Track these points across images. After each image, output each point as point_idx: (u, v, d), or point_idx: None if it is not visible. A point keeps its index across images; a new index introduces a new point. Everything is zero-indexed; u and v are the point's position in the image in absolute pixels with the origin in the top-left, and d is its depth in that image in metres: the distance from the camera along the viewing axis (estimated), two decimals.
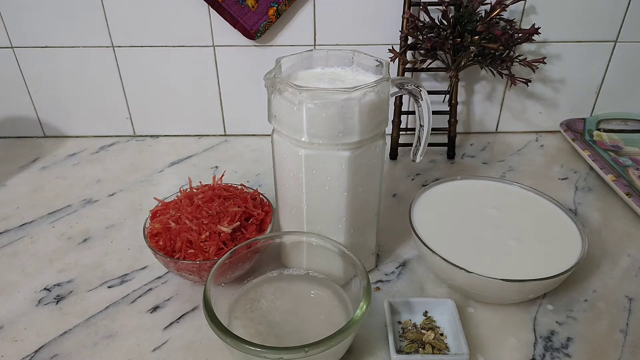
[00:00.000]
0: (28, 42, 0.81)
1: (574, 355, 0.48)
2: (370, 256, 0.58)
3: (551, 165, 0.81)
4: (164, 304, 0.54)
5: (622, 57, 0.83)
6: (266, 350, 0.39)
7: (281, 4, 0.76)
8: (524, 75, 0.75)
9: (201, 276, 0.53)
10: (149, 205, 0.61)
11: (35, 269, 0.60)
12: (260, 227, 0.57)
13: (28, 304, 0.55)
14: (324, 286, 0.52)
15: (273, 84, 0.46)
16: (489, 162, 0.82)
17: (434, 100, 0.67)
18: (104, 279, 0.58)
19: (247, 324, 0.48)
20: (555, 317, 0.52)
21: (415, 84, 0.50)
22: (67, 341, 0.50)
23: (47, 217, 0.69)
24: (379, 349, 0.48)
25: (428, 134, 0.53)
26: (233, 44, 0.81)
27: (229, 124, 0.90)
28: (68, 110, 0.88)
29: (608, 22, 0.80)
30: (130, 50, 0.82)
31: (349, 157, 0.47)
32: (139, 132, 0.91)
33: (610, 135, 0.85)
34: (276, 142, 0.50)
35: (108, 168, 0.81)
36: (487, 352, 0.48)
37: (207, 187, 0.60)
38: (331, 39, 0.81)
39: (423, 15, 0.76)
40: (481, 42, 0.69)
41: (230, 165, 0.82)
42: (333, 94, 0.44)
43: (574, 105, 0.88)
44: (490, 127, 0.91)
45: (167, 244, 0.53)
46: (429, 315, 0.51)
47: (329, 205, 0.50)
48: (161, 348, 0.49)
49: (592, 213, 0.69)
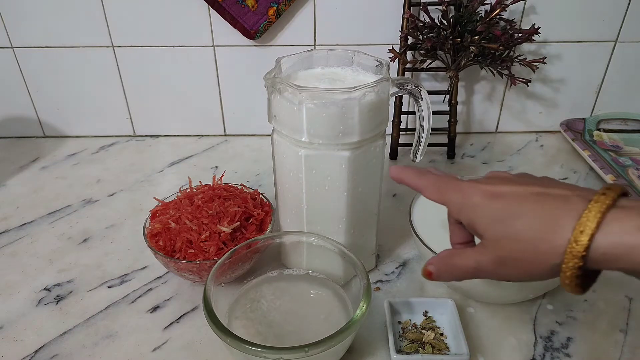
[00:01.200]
0: (28, 42, 0.81)
1: (574, 355, 0.48)
2: (370, 256, 0.58)
3: (551, 165, 0.81)
4: (164, 304, 0.54)
5: (622, 57, 0.83)
6: (266, 350, 0.39)
7: (281, 4, 0.76)
8: (524, 75, 0.75)
9: (201, 276, 0.53)
10: (149, 205, 0.61)
11: (35, 269, 0.60)
12: (260, 227, 0.57)
13: (28, 304, 0.55)
14: (324, 286, 0.52)
15: (273, 84, 0.46)
16: (489, 162, 0.82)
17: (434, 100, 0.67)
18: (104, 279, 0.58)
19: (247, 324, 0.48)
20: (555, 317, 0.52)
21: (415, 84, 0.50)
22: (67, 341, 0.50)
23: (47, 217, 0.69)
24: (379, 349, 0.48)
25: (428, 134, 0.53)
26: (233, 44, 0.81)
27: (229, 124, 0.90)
28: (68, 110, 0.88)
29: (608, 22, 0.80)
30: (130, 50, 0.82)
31: (349, 157, 0.47)
32: (139, 132, 0.91)
33: (610, 135, 0.85)
34: (276, 142, 0.50)
35: (108, 168, 0.81)
36: (487, 352, 0.48)
37: (207, 187, 0.60)
38: (331, 39, 0.81)
39: (423, 15, 0.76)
40: (481, 42, 0.69)
41: (230, 165, 0.82)
42: (333, 94, 0.44)
43: (574, 105, 0.88)
44: (490, 127, 0.91)
45: (167, 244, 0.53)
46: (429, 315, 0.51)
47: (329, 205, 0.50)
48: (161, 348, 0.49)
49: None
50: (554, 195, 0.33)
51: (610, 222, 0.30)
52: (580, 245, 0.30)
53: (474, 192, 0.36)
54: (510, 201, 0.35)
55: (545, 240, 0.32)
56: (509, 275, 0.35)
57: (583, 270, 0.31)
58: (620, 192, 0.32)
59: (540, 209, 0.33)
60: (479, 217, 0.36)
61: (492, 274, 0.36)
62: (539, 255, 0.33)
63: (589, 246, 0.30)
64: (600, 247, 0.30)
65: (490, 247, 0.35)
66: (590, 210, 0.31)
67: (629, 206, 0.31)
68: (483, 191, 0.36)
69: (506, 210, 0.34)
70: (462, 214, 0.37)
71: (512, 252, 0.34)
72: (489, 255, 0.35)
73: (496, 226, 0.35)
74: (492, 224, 0.35)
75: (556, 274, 0.33)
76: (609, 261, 0.30)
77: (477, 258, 0.36)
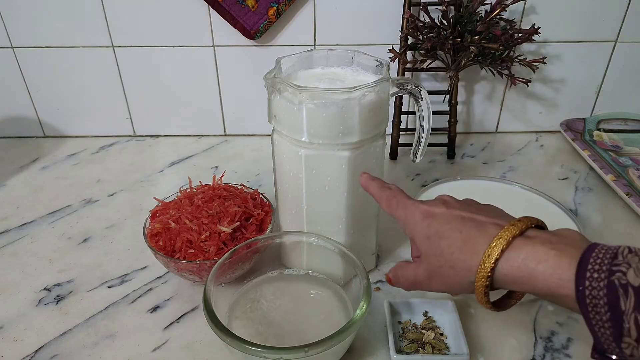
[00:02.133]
0: (28, 42, 0.81)
1: (574, 356, 0.48)
2: (370, 256, 0.58)
3: (551, 165, 0.81)
4: (164, 304, 0.54)
5: (622, 57, 0.83)
6: (266, 350, 0.39)
7: (281, 4, 0.76)
8: (524, 75, 0.75)
9: (201, 276, 0.53)
10: (149, 205, 0.61)
11: (35, 269, 0.60)
12: (260, 227, 0.57)
13: (28, 304, 0.55)
14: (324, 286, 0.52)
15: (273, 84, 0.46)
16: (489, 162, 0.82)
17: (434, 100, 0.67)
18: (104, 279, 0.58)
19: (247, 324, 0.48)
20: (555, 317, 0.52)
21: (415, 84, 0.50)
22: (67, 341, 0.50)
23: (47, 217, 0.69)
24: (379, 349, 0.48)
25: (428, 134, 0.53)
26: (233, 44, 0.81)
27: (229, 124, 0.90)
28: (68, 110, 0.88)
29: (608, 22, 0.80)
30: (130, 50, 0.82)
31: (349, 157, 0.47)
32: (139, 132, 0.91)
33: (610, 135, 0.85)
34: (276, 142, 0.50)
35: (108, 168, 0.81)
36: (487, 352, 0.48)
37: (207, 187, 0.60)
38: (331, 39, 0.81)
39: (423, 15, 0.76)
40: (481, 42, 0.69)
41: (230, 165, 0.82)
42: (333, 94, 0.44)
43: (574, 105, 0.88)
44: (490, 127, 0.91)
45: (167, 244, 0.53)
46: (429, 315, 0.51)
47: (329, 206, 0.50)
48: (161, 348, 0.49)
49: (592, 213, 0.69)
50: (476, 221, 0.38)
51: (513, 249, 0.35)
52: (487, 267, 0.35)
53: (415, 211, 0.42)
54: (440, 222, 0.40)
55: (462, 260, 0.37)
56: (437, 288, 0.41)
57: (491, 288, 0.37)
58: (531, 223, 0.37)
59: (461, 232, 0.38)
60: (417, 233, 0.41)
61: (425, 285, 0.41)
62: (457, 271, 0.38)
63: (494, 268, 0.35)
64: (503, 269, 0.35)
65: (424, 261, 0.40)
66: (499, 238, 0.36)
67: (534, 236, 0.36)
68: (421, 210, 0.41)
69: (437, 228, 0.39)
70: (406, 229, 0.43)
71: (437, 267, 0.39)
72: (423, 268, 0.41)
73: (427, 243, 0.40)
74: (424, 240, 0.40)
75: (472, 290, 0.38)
76: (510, 283, 0.36)
77: (414, 271, 0.42)
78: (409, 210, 0.42)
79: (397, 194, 0.44)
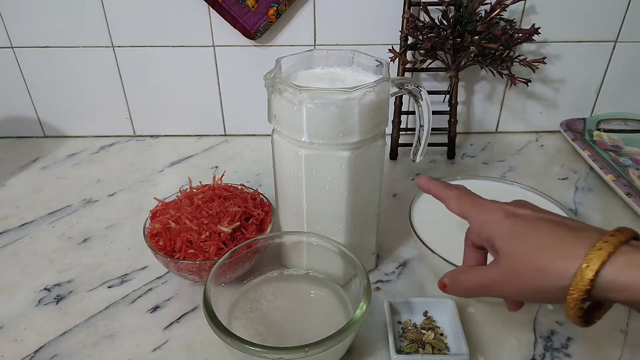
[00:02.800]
0: (28, 42, 0.81)
1: (574, 355, 0.48)
2: (370, 256, 0.58)
3: (551, 165, 0.81)
4: (164, 304, 0.54)
5: (622, 57, 0.83)
6: (266, 350, 0.39)
7: (281, 4, 0.76)
8: (524, 75, 0.75)
9: (201, 276, 0.53)
10: (149, 205, 0.61)
11: (35, 269, 0.60)
12: (260, 227, 0.57)
13: (28, 304, 0.55)
14: (324, 286, 0.52)
15: (273, 84, 0.46)
16: (489, 162, 0.82)
17: (434, 100, 0.67)
18: (104, 279, 0.58)
19: (247, 324, 0.48)
20: (555, 317, 0.52)
21: (415, 84, 0.50)
22: (67, 341, 0.50)
23: (47, 217, 0.69)
24: (379, 349, 0.48)
25: (428, 134, 0.53)
26: (233, 44, 0.81)
27: (229, 124, 0.90)
28: (68, 110, 0.88)
29: (608, 22, 0.80)
30: (130, 50, 0.82)
31: (349, 157, 0.47)
32: (139, 132, 0.91)
33: (610, 135, 0.85)
34: (276, 142, 0.50)
35: (108, 168, 0.81)
36: (487, 352, 0.48)
37: (207, 187, 0.60)
38: (331, 39, 0.81)
39: (423, 15, 0.76)
40: (481, 42, 0.69)
41: (230, 165, 0.82)
42: (333, 94, 0.44)
43: (574, 105, 0.88)
44: (490, 127, 0.91)
45: (167, 244, 0.53)
46: (429, 315, 0.51)
47: (329, 206, 0.50)
48: (161, 348, 0.49)
49: (592, 213, 0.69)
50: (569, 226, 0.35)
51: (621, 254, 0.32)
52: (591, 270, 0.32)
53: (495, 209, 0.39)
54: (528, 222, 0.37)
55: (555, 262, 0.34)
56: (514, 293, 0.37)
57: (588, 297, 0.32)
58: (633, 234, 0.34)
59: (556, 231, 0.35)
60: (497, 233, 0.38)
61: (497, 289, 0.38)
62: (546, 274, 0.34)
63: (598, 272, 0.32)
64: (609, 274, 0.32)
65: (503, 262, 0.37)
66: (605, 242, 0.32)
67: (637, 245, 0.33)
68: (504, 209, 0.38)
69: (524, 227, 0.36)
70: (482, 230, 0.39)
71: (521, 269, 0.35)
72: (500, 270, 0.37)
73: (511, 242, 0.36)
74: (508, 239, 0.37)
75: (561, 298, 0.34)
76: (616, 290, 0.32)
77: (487, 273, 0.38)
78: (487, 208, 0.39)
79: (469, 192, 0.42)
